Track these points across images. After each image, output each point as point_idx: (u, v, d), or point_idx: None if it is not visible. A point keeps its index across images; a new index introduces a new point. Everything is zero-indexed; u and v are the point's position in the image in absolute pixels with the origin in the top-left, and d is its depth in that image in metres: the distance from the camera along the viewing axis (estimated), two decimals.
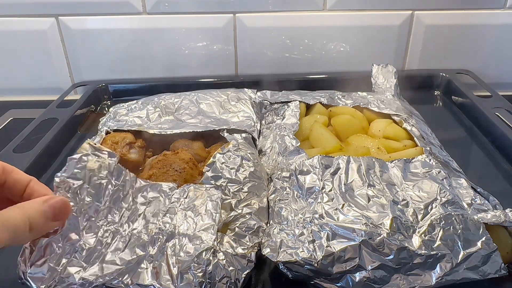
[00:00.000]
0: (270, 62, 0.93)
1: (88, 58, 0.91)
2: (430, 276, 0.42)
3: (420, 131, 0.63)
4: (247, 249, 0.45)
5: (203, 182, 0.49)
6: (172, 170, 0.52)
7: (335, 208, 0.46)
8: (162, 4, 0.86)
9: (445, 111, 0.84)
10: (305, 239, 0.44)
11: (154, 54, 0.91)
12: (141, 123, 0.65)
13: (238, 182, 0.50)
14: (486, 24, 0.90)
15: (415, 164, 0.52)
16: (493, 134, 0.71)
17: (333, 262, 0.42)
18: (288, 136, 0.61)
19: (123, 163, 0.57)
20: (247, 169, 0.53)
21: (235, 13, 0.88)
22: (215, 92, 0.73)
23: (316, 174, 0.51)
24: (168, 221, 0.44)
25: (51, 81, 0.93)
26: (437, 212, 0.45)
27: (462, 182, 0.51)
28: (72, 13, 0.86)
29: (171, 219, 0.44)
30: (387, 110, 0.68)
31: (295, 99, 0.72)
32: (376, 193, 0.47)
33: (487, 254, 0.42)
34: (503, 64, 0.94)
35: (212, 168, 0.50)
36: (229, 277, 0.41)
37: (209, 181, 0.49)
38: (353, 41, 0.91)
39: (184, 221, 0.44)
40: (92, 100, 0.86)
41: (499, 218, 0.44)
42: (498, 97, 0.79)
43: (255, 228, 0.47)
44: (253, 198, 0.50)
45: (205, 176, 0.50)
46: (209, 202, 0.45)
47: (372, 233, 0.43)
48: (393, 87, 0.77)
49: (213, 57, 0.92)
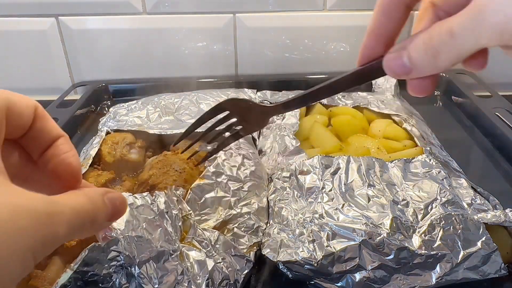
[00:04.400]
0: (270, 62, 0.93)
1: (88, 58, 0.91)
2: (430, 276, 0.42)
3: (420, 131, 0.62)
4: (246, 249, 0.45)
5: (204, 177, 0.49)
6: (172, 170, 0.52)
7: (335, 208, 0.46)
8: (162, 4, 0.86)
9: (445, 111, 0.84)
10: (305, 239, 0.44)
11: (154, 54, 0.91)
12: (141, 123, 0.65)
13: (238, 181, 0.50)
14: None
15: (415, 164, 0.52)
16: (493, 134, 0.71)
17: (333, 262, 0.42)
18: (288, 136, 0.61)
19: (123, 163, 0.58)
20: (248, 168, 0.53)
21: (235, 13, 0.88)
22: (215, 92, 0.73)
23: (316, 174, 0.51)
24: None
25: (51, 81, 0.93)
26: (437, 212, 0.45)
27: (462, 182, 0.51)
28: (72, 13, 0.86)
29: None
30: (387, 110, 0.68)
31: None
32: (376, 193, 0.47)
33: (487, 254, 0.42)
34: (503, 64, 0.94)
35: (214, 164, 0.50)
36: (228, 279, 0.41)
37: (210, 177, 0.49)
38: (353, 41, 0.91)
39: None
40: (92, 100, 0.86)
41: (499, 218, 0.44)
42: (498, 97, 0.79)
43: (254, 228, 0.47)
44: (252, 197, 0.50)
45: (206, 171, 0.50)
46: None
47: (372, 233, 0.43)
48: (393, 87, 0.77)
49: (213, 57, 0.92)
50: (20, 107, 0.24)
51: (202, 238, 0.43)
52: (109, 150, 0.58)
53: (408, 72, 0.26)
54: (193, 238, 0.43)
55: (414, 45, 0.25)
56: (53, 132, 0.27)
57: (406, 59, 0.26)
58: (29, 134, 0.26)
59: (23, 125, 0.25)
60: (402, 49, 0.26)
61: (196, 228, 0.44)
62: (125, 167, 0.57)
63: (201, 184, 0.48)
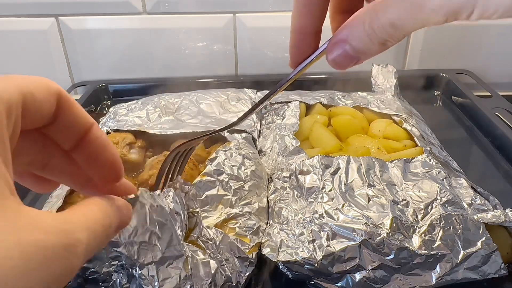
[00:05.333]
0: (270, 62, 0.93)
1: (88, 58, 0.91)
2: (430, 276, 0.42)
3: (420, 131, 0.62)
4: (248, 249, 0.45)
5: (205, 174, 0.49)
6: None
7: (335, 208, 0.46)
8: (162, 4, 0.86)
9: (445, 111, 0.84)
10: (305, 239, 0.44)
11: (154, 54, 0.91)
12: (141, 123, 0.65)
13: (239, 180, 0.50)
14: (486, 24, 0.90)
15: (415, 164, 0.52)
16: (493, 134, 0.71)
17: (333, 262, 0.42)
18: (288, 136, 0.61)
19: (123, 163, 0.58)
20: (248, 167, 0.53)
21: (235, 13, 0.88)
22: (215, 92, 0.73)
23: (316, 174, 0.51)
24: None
25: None
26: (437, 212, 0.45)
27: (462, 182, 0.51)
28: (72, 13, 0.86)
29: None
30: (387, 110, 0.68)
31: (295, 99, 0.72)
32: (376, 193, 0.47)
33: (487, 254, 0.42)
34: (503, 64, 0.94)
35: (215, 163, 0.50)
36: (230, 281, 0.41)
37: (212, 174, 0.49)
38: None
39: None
40: (92, 100, 0.86)
41: (499, 218, 0.44)
42: (498, 97, 0.79)
43: (255, 228, 0.47)
44: (253, 197, 0.50)
45: (207, 169, 0.50)
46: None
47: (372, 233, 0.43)
48: (393, 87, 0.77)
49: (213, 57, 0.92)
50: (39, 96, 0.21)
51: (207, 239, 0.43)
52: None
53: (356, 61, 0.27)
54: (199, 238, 0.43)
55: (357, 38, 0.26)
56: (82, 121, 0.24)
57: (352, 51, 0.26)
58: (54, 124, 0.22)
59: (44, 116, 0.22)
60: (341, 42, 0.27)
61: (202, 228, 0.43)
62: (125, 167, 0.57)
63: (202, 181, 0.48)
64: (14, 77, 0.20)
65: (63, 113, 0.22)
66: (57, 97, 0.22)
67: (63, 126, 0.23)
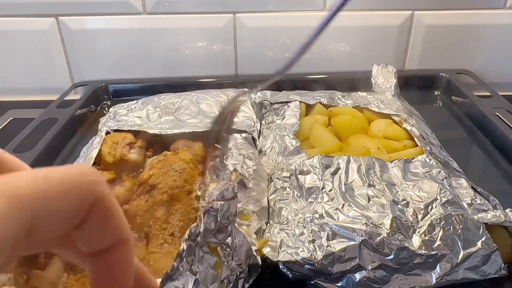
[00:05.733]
0: (270, 62, 0.93)
1: (88, 58, 0.91)
2: (430, 276, 0.42)
3: (420, 131, 0.62)
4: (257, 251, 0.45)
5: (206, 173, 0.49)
6: (173, 171, 0.52)
7: (335, 208, 0.46)
8: (162, 4, 0.86)
9: (445, 111, 0.84)
10: (305, 239, 0.44)
11: (154, 54, 0.91)
12: (141, 123, 0.65)
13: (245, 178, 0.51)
14: (486, 24, 0.90)
15: (415, 164, 0.52)
16: (493, 134, 0.71)
17: (333, 262, 0.42)
18: (288, 136, 0.61)
19: (123, 164, 0.58)
20: (250, 167, 0.53)
21: (235, 13, 0.88)
22: (215, 92, 0.73)
23: (316, 174, 0.51)
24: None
25: (51, 81, 0.93)
26: (437, 212, 0.45)
27: (462, 182, 0.51)
28: (72, 13, 0.86)
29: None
30: (387, 110, 0.68)
31: (295, 99, 0.72)
32: (376, 193, 0.47)
33: (487, 254, 0.42)
34: (503, 64, 0.94)
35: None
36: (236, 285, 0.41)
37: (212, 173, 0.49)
38: (353, 41, 0.91)
39: None
40: (92, 100, 0.86)
41: (499, 218, 0.44)
42: (498, 97, 0.79)
43: (257, 228, 0.47)
44: (255, 196, 0.50)
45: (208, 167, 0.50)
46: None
47: (372, 233, 0.43)
48: (393, 87, 0.77)
49: (213, 57, 0.92)
50: (58, 215, 0.16)
51: (227, 247, 0.43)
52: (109, 150, 0.58)
53: None
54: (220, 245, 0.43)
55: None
56: (114, 233, 0.18)
57: None
58: (78, 229, 0.17)
59: (64, 227, 0.17)
60: None
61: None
62: (125, 167, 0.57)
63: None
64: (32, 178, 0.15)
65: (93, 221, 0.18)
66: (92, 203, 0.17)
67: (88, 234, 0.18)
